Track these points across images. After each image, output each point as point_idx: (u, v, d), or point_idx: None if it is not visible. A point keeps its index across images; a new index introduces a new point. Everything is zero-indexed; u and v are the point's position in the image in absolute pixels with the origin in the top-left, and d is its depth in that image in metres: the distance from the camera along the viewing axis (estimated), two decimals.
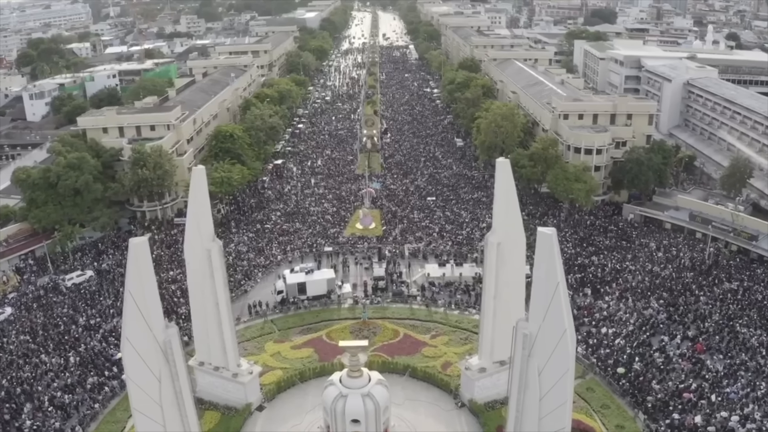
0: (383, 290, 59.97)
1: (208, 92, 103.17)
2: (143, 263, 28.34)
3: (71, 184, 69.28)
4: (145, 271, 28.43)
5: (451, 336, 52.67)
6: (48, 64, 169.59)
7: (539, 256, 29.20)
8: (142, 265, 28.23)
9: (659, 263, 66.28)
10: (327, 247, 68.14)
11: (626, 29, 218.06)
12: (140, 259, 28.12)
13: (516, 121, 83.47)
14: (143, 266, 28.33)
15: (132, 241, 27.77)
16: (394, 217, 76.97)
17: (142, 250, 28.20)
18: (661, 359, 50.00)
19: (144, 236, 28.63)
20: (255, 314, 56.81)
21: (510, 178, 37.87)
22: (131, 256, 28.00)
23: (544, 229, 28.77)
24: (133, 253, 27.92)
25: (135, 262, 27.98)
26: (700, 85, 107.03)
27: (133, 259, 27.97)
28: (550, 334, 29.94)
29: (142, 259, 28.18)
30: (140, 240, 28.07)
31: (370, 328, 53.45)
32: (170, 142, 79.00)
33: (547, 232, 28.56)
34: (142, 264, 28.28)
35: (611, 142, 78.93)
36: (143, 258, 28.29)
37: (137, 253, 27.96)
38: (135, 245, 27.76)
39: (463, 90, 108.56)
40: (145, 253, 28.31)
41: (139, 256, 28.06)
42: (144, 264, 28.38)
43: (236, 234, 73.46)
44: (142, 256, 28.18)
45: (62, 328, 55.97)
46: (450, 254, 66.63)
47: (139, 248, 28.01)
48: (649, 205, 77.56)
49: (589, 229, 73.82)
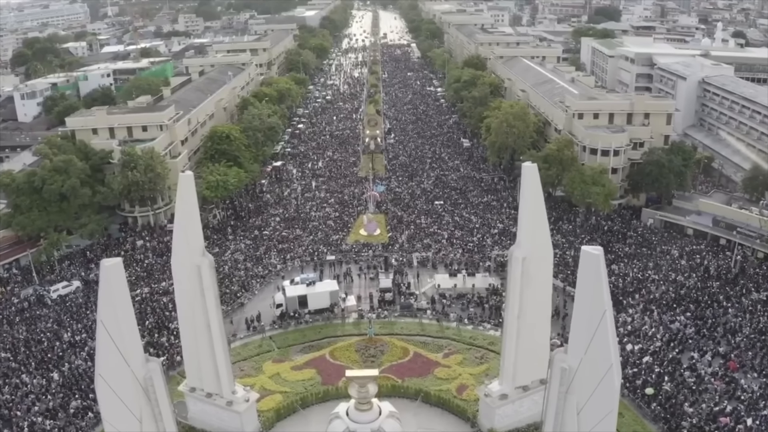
0: (390, 303, 55.82)
1: (204, 91, 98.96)
2: (117, 288, 24.18)
3: (57, 188, 65.29)
4: (120, 298, 24.28)
5: (466, 354, 48.50)
6: (42, 63, 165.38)
7: (583, 279, 25.22)
8: (116, 291, 24.08)
9: (683, 272, 62.51)
10: (329, 255, 63.95)
11: (632, 27, 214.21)
12: (114, 283, 23.96)
13: (528, 120, 79.30)
14: (117, 292, 24.17)
15: (104, 264, 23.62)
16: (400, 222, 72.79)
17: (116, 274, 24.01)
18: (693, 378, 46.53)
19: (117, 259, 24.27)
20: (252, 330, 52.68)
21: (537, 185, 33.72)
22: (103, 280, 23.87)
23: (590, 249, 24.78)
24: (106, 277, 23.78)
25: (108, 287, 23.84)
26: (717, 83, 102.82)
27: (105, 283, 23.83)
28: (592, 369, 25.96)
29: (115, 284, 24.02)
30: (113, 262, 23.87)
31: (377, 345, 49.26)
32: (163, 144, 74.80)
33: (593, 252, 24.58)
34: (116, 289, 24.12)
35: (629, 143, 74.81)
36: (117, 282, 24.12)
37: (110, 277, 23.80)
38: (107, 268, 23.60)
39: (469, 88, 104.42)
40: (118, 276, 24.13)
41: (113, 281, 23.90)
42: (118, 289, 24.22)
43: (232, 241, 69.34)
44: (115, 280, 24.01)
45: (45, 344, 52.65)
46: (461, 263, 62.46)
47: (112, 271, 23.83)
48: (669, 210, 73.60)
49: (606, 235, 69.81)
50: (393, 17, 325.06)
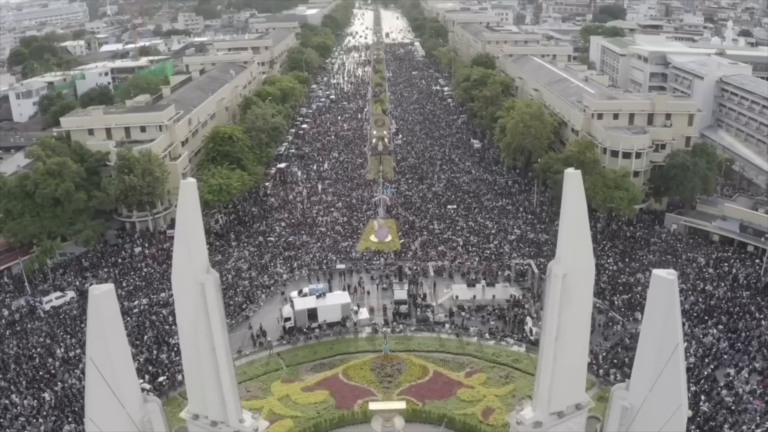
0: (405, 316, 52.28)
1: (205, 90, 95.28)
2: (109, 320, 20.66)
3: (50, 193, 61.77)
4: (113, 331, 20.79)
5: (489, 373, 45.04)
6: (39, 62, 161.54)
7: (653, 306, 21.78)
8: (107, 323, 20.57)
9: (711, 281, 59.26)
10: (339, 264, 60.34)
11: (639, 25, 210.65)
12: (104, 314, 20.44)
13: (545, 121, 75.71)
14: (109, 324, 20.66)
15: (92, 292, 20.09)
16: (412, 228, 69.21)
17: (107, 303, 20.44)
18: (731, 397, 43.35)
19: (108, 285, 20.71)
20: (259, 345, 49.13)
21: (581, 194, 29.96)
22: (92, 310, 20.36)
23: (662, 272, 21.29)
24: (95, 308, 20.25)
25: (97, 319, 20.33)
26: (735, 82, 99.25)
27: (94, 315, 20.32)
28: (658, 408, 22.54)
29: (107, 315, 20.51)
30: (103, 289, 20.29)
31: (393, 363, 45.79)
32: (162, 145, 71.16)
33: (666, 276, 21.10)
34: (108, 321, 20.60)
35: (651, 145, 71.33)
36: (108, 313, 20.60)
37: (100, 306, 20.28)
38: (96, 297, 20.06)
39: (479, 87, 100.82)
40: (110, 306, 20.58)
41: (103, 311, 20.37)
42: (110, 321, 20.71)
43: (236, 248, 65.76)
44: (106, 310, 20.48)
45: (37, 361, 49.32)
46: (478, 272, 58.95)
47: (103, 300, 20.28)
48: (692, 215, 70.25)
49: (629, 242, 66.45)
50: (395, 16, 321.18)
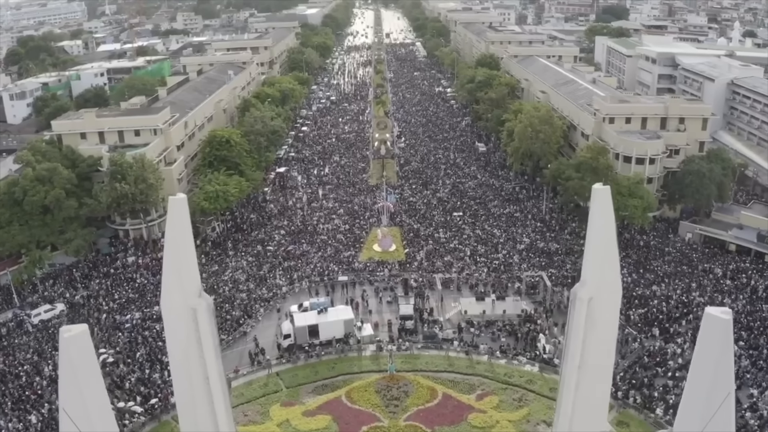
0: (412, 332, 49.59)
1: (202, 91, 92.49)
2: (83, 365, 17.92)
3: (39, 200, 59.08)
4: (87, 378, 18.04)
5: (502, 396, 42.39)
6: (34, 62, 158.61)
7: (705, 348, 19.17)
8: (81, 369, 17.83)
9: (729, 293, 56.72)
10: (341, 276, 57.58)
11: (643, 26, 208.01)
12: (77, 359, 17.70)
13: (555, 125, 73.01)
14: (83, 370, 17.92)
15: (63, 334, 17.35)
16: (417, 236, 66.45)
17: (80, 346, 17.72)
18: (755, 420, 40.81)
19: (81, 326, 17.99)
20: (257, 364, 46.42)
21: (610, 211, 27.34)
22: (63, 355, 17.63)
23: (716, 311, 18.65)
24: (66, 352, 17.53)
25: (69, 364, 17.61)
26: (747, 84, 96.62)
27: (66, 359, 17.60)
28: None
29: (79, 360, 17.76)
30: (75, 331, 17.54)
31: (400, 385, 43.12)
32: (157, 150, 68.36)
33: (720, 316, 18.44)
34: (82, 367, 17.87)
35: (665, 151, 68.72)
36: (82, 357, 17.85)
37: (71, 351, 17.54)
38: (68, 340, 17.33)
39: (484, 89, 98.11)
40: (84, 349, 17.85)
41: (75, 356, 17.63)
42: (84, 366, 17.96)
43: (233, 257, 63.01)
44: (79, 354, 17.74)
45: (24, 379, 46.50)
46: (487, 284, 56.26)
47: (75, 344, 17.54)
48: (707, 223, 67.58)
49: (643, 251, 63.81)
50: (395, 16, 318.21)
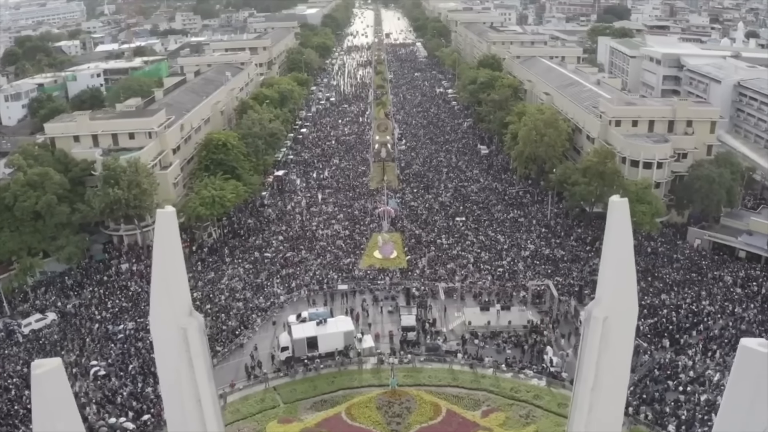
0: (414, 344, 47.92)
1: (199, 93, 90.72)
2: (57, 404, 16.21)
3: (30, 206, 57.38)
4: (63, 418, 16.34)
5: (508, 412, 40.72)
6: (31, 62, 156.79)
7: (739, 381, 17.49)
8: (55, 408, 16.12)
9: (740, 302, 55.09)
10: (341, 284, 55.87)
11: (645, 26, 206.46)
12: (51, 397, 16.00)
13: (561, 128, 71.35)
14: (58, 409, 16.22)
15: (35, 370, 15.66)
16: (419, 242, 64.76)
17: (53, 383, 16.02)
18: None
19: (54, 360, 16.29)
20: (253, 378, 44.76)
21: (627, 225, 25.61)
22: (36, 392, 15.94)
23: (752, 342, 16.96)
24: (39, 390, 15.84)
25: (43, 403, 15.91)
26: (754, 86, 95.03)
27: (39, 397, 15.91)
28: None
29: (54, 398, 16.06)
30: (48, 366, 15.84)
31: (402, 401, 41.40)
32: (152, 153, 66.57)
33: (758, 348, 16.75)
34: (56, 405, 16.16)
35: (673, 154, 67.10)
36: (56, 395, 16.15)
37: (44, 388, 15.85)
38: (39, 377, 15.63)
39: (487, 90, 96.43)
40: (58, 386, 16.14)
41: (49, 394, 15.93)
42: (59, 405, 16.26)
43: (230, 264, 61.31)
44: (53, 392, 16.04)
45: (13, 393, 44.69)
46: (491, 293, 54.60)
47: (47, 381, 15.86)
48: (716, 229, 66.01)
49: (650, 258, 62.12)
50: (395, 16, 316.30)
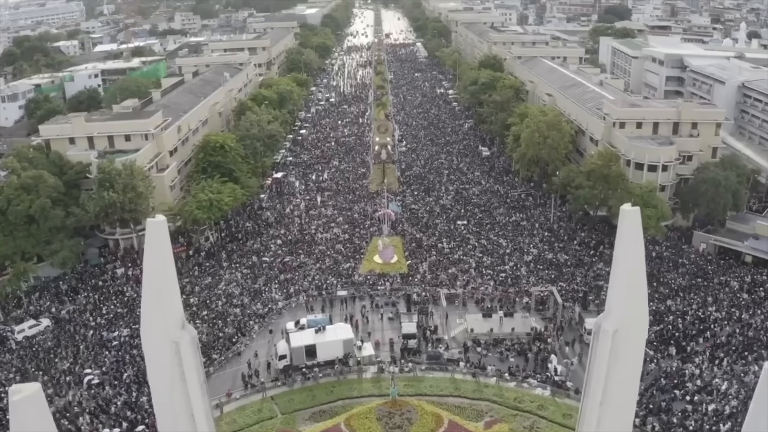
0: (415, 352, 46.85)
1: (197, 94, 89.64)
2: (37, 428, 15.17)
3: (24, 209, 56.35)
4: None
5: (512, 423, 39.70)
6: (29, 62, 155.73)
7: (763, 399, 16.46)
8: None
9: (747, 308, 54.10)
10: (340, 290, 54.75)
11: (647, 26, 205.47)
12: (30, 424, 14.96)
13: (564, 130, 70.29)
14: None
15: (12, 396, 14.62)
16: (419, 246, 63.66)
17: (32, 410, 14.97)
18: None
19: (34, 385, 15.25)
20: (250, 387, 43.68)
21: (639, 235, 24.69)
22: (14, 420, 14.88)
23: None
24: (17, 417, 14.79)
25: (21, 430, 14.85)
26: (759, 87, 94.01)
27: (17, 425, 14.86)
28: None
29: (32, 425, 15.02)
30: (26, 392, 14.81)
31: (403, 411, 40.34)
32: (148, 156, 65.48)
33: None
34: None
35: (678, 157, 66.07)
36: (35, 422, 15.11)
37: (22, 416, 14.80)
38: (17, 404, 14.59)
39: (488, 91, 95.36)
40: (37, 413, 15.09)
41: (27, 422, 14.89)
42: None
43: (227, 269, 60.22)
44: (32, 419, 14.99)
45: (5, 402, 43.33)
46: (494, 299, 53.52)
47: (25, 407, 14.81)
48: (722, 233, 64.88)
49: (655, 263, 61.03)
50: (395, 16, 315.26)
